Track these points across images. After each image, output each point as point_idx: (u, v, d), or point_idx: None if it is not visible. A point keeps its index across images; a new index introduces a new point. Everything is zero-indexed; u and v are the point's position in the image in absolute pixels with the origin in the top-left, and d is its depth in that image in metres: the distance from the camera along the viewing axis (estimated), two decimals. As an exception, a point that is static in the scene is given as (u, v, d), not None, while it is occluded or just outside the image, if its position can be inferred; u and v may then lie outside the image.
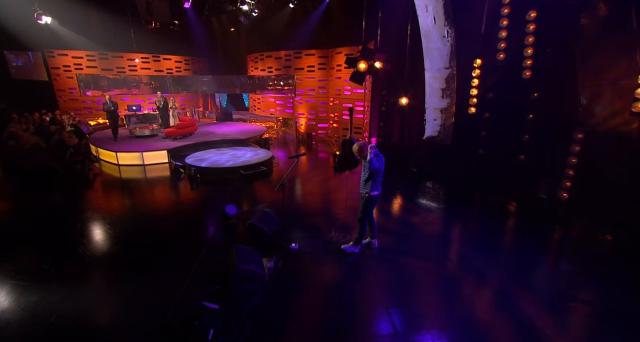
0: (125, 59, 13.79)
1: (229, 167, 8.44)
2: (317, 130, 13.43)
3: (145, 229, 5.41)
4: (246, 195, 7.33)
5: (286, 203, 5.18)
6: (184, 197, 7.31)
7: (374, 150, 4.14)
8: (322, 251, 4.65)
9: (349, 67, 10.42)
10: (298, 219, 5.58)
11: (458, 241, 5.13)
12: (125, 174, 8.89)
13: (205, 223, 5.55)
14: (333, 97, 12.53)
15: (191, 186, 7.88)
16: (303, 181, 8.32)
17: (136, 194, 7.35)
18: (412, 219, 5.87)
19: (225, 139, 11.24)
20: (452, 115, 8.18)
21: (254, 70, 14.52)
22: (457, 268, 4.30)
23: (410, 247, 4.80)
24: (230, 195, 7.17)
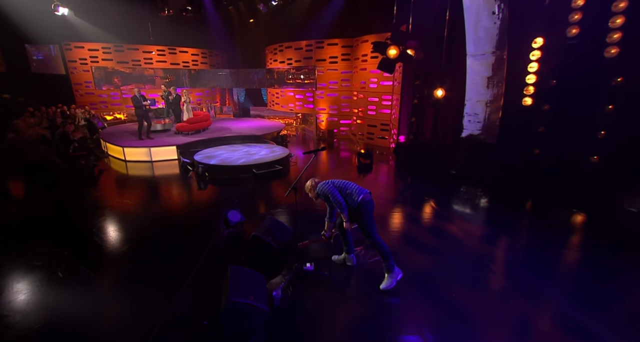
0: (141, 51, 13.41)
1: (240, 165, 7.63)
2: (339, 127, 12.44)
3: (136, 235, 4.65)
4: (258, 197, 6.48)
5: (301, 209, 4.25)
6: (189, 198, 6.56)
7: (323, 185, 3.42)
8: (344, 272, 3.67)
9: (377, 54, 9.34)
10: (314, 230, 4.63)
11: (514, 264, 3.98)
12: (132, 170, 8.30)
13: (207, 230, 4.72)
14: (357, 91, 11.50)
15: (198, 186, 7.14)
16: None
17: (137, 194, 6.68)
18: (452, 233, 4.76)
19: (239, 135, 10.49)
20: (499, 108, 6.95)
21: (273, 62, 13.74)
22: (519, 301, 3.19)
23: (452, 270, 3.73)
24: (240, 197, 6.34)
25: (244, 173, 7.59)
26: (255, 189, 6.99)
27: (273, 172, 7.69)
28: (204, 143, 9.63)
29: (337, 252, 3.96)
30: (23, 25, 11.82)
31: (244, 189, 6.94)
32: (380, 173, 8.14)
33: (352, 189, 3.34)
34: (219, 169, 7.61)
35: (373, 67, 10.57)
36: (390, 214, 5.43)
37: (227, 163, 7.73)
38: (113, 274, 3.75)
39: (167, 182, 7.46)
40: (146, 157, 8.67)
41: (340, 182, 3.42)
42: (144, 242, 4.45)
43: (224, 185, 7.16)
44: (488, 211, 5.66)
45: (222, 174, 7.56)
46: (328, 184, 3.38)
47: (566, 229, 4.94)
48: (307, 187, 3.55)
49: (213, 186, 7.08)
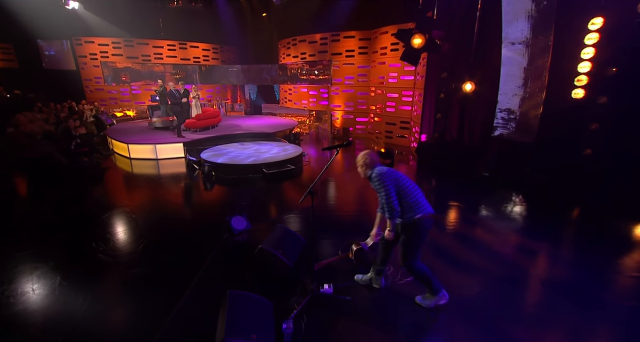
0: (151, 46, 13.04)
1: (249, 164, 7.05)
2: (355, 125, 11.74)
3: (132, 242, 4.11)
4: (267, 200, 5.87)
5: (317, 216, 3.61)
6: (193, 199, 6.01)
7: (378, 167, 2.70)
8: (370, 296, 3.01)
9: (398, 46, 8.60)
10: (333, 241, 3.97)
11: (580, 290, 3.22)
12: (137, 168, 7.84)
13: (211, 237, 4.13)
14: (375, 87, 10.77)
15: (204, 186, 6.59)
16: (338, 185, 6.69)
17: (139, 194, 6.18)
18: (495, 246, 4.01)
19: (249, 133, 9.94)
20: (540, 103, 6.13)
21: (286, 57, 13.14)
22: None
23: (506, 296, 3.00)
24: (248, 199, 5.75)
25: (254, 173, 7.01)
26: (265, 190, 6.39)
27: (285, 172, 7.09)
28: (212, 140, 9.12)
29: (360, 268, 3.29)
30: (34, 21, 11.63)
31: (253, 190, 6.36)
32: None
33: (416, 199, 2.61)
34: (227, 167, 7.05)
35: (393, 61, 9.84)
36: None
37: (236, 162, 7.16)
38: (102, 286, 3.19)
39: (171, 182, 6.94)
40: (152, 154, 8.21)
41: (407, 182, 2.63)
42: (138, 251, 3.89)
43: (232, 185, 6.59)
44: (531, 219, 4.87)
45: (230, 173, 7.00)
46: (388, 174, 2.59)
47: (629, 242, 4.12)
48: (358, 160, 2.77)
49: (220, 187, 6.52)
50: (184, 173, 7.52)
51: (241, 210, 4.10)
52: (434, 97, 7.61)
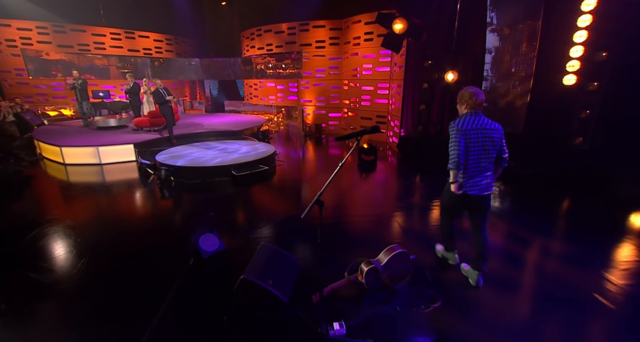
0: (89, 33, 11.24)
1: (215, 166, 6.04)
2: (328, 121, 11.05)
3: (67, 267, 3.01)
4: (241, 208, 4.94)
5: (310, 225, 2.82)
6: (148, 211, 4.90)
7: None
8: (394, 335, 2.28)
9: (372, 35, 8.05)
10: (335, 259, 3.18)
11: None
12: (74, 176, 6.45)
13: (172, 260, 3.16)
14: (348, 80, 10.16)
15: (161, 193, 5.49)
16: (334, 184, 5.91)
17: (75, 207, 4.93)
18: (530, 257, 3.50)
19: (213, 131, 8.83)
20: (527, 91, 5.86)
21: (250, 49, 12.09)
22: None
23: (571, 324, 2.45)
24: (216, 208, 4.78)
25: (221, 176, 6.02)
26: (236, 196, 5.44)
27: (257, 173, 6.18)
28: (169, 140, 7.90)
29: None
30: None
31: (220, 196, 5.38)
32: (385, 172, 6.83)
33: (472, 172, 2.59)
34: (188, 171, 5.98)
35: (367, 51, 9.29)
36: (425, 228, 4.11)
37: (199, 164, 6.11)
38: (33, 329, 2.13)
39: (120, 190, 5.72)
40: (93, 159, 6.83)
41: (476, 150, 2.54)
42: (76, 279, 2.83)
43: (196, 191, 5.55)
44: (521, 214, 4.47)
45: (193, 177, 5.94)
46: (465, 120, 2.56)
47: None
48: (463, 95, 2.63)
49: (181, 193, 5.46)
50: (135, 179, 6.31)
51: (209, 224, 3.18)
52: (416, 88, 7.13)
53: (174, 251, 3.44)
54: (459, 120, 2.56)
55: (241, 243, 3.50)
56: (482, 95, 2.56)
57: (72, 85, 8.72)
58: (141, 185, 6.01)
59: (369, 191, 5.72)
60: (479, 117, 2.55)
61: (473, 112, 2.56)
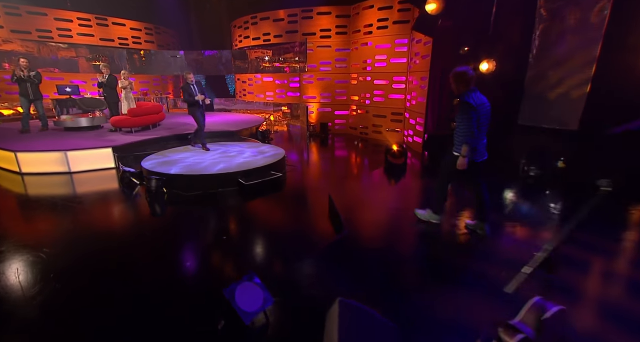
0: (52, 18, 9.88)
1: (218, 173, 5.04)
2: (334, 120, 10.19)
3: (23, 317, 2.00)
4: (259, 229, 3.97)
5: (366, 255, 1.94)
6: (134, 233, 3.84)
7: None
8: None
9: (387, 23, 7.30)
10: (441, 320, 2.29)
11: None
12: (33, 188, 5.28)
13: (178, 315, 2.19)
14: (358, 73, 9.35)
15: (152, 210, 4.46)
16: (348, 195, 5.03)
17: (37, 229, 3.81)
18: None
19: (208, 132, 7.77)
20: (588, 80, 5.20)
21: (244, 40, 11.10)
22: None
23: None
24: (226, 230, 3.81)
25: (225, 185, 5.03)
26: (250, 211, 4.49)
27: (270, 181, 5.23)
28: (156, 143, 6.81)
29: None
30: None
31: (229, 212, 4.41)
32: (415, 177, 6.02)
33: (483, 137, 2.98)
34: (185, 180, 4.96)
35: (381, 41, 8.52)
36: (513, 249, 3.29)
37: (198, 171, 5.09)
38: None
39: (95, 206, 4.63)
40: (61, 166, 5.66)
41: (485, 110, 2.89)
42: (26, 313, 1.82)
43: (196, 206, 4.54)
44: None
45: (191, 188, 4.91)
46: (473, 96, 2.85)
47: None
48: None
49: (176, 208, 4.45)
50: (116, 191, 5.23)
51: (248, 272, 2.20)
52: (448, 79, 6.36)
53: (174, 291, 2.47)
54: (469, 98, 2.81)
55: (276, 286, 2.55)
56: (472, 71, 2.92)
57: (19, 78, 6.87)
58: (124, 198, 4.94)
59: (407, 201, 4.87)
60: (478, 93, 2.88)
61: (474, 88, 2.89)
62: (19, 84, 6.93)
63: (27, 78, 6.90)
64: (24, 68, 6.89)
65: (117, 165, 5.99)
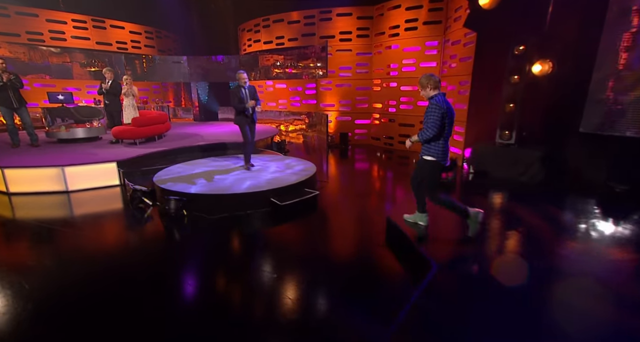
0: (44, 19, 9.30)
1: (246, 192, 4.42)
2: (354, 130, 9.68)
3: None
4: (312, 264, 3.33)
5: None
6: (148, 270, 3.16)
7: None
8: None
9: (415, 23, 6.95)
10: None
11: None
12: (23, 210, 4.59)
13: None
14: (381, 79, 8.90)
15: (170, 237, 3.81)
16: (398, 213, 4.43)
17: (21, 262, 3.11)
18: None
19: (219, 143, 7.18)
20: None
21: (253, 44, 10.65)
22: None
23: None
24: (276, 263, 3.16)
25: (255, 206, 4.41)
26: (293, 238, 3.85)
27: (304, 201, 4.62)
28: (165, 156, 6.17)
29: None
30: None
31: (268, 239, 3.78)
32: (467, 194, 5.45)
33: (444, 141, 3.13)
34: (209, 201, 4.32)
35: (409, 44, 8.11)
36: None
37: (222, 190, 4.46)
38: None
39: (99, 232, 3.95)
40: (56, 184, 4.98)
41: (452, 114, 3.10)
42: None
43: (224, 231, 3.90)
44: None
45: (216, 210, 4.27)
46: (442, 99, 3.04)
47: None
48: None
49: (200, 235, 3.80)
50: (121, 212, 4.58)
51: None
52: (498, 82, 5.91)
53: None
54: (438, 100, 3.00)
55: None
56: (437, 75, 3.11)
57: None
58: (133, 222, 4.28)
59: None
60: (444, 97, 3.05)
61: (441, 92, 3.06)
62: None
63: (7, 83, 5.89)
64: (2, 71, 5.87)
65: (123, 182, 5.33)
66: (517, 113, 5.73)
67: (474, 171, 6.38)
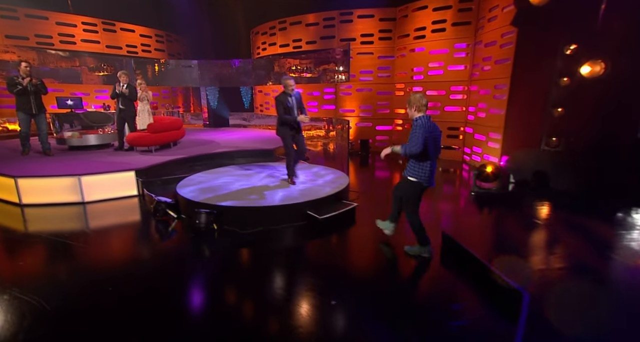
0: (53, 22, 9.16)
1: (281, 205, 4.14)
2: (375, 136, 9.43)
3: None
4: (359, 285, 3.03)
5: None
6: (178, 288, 2.85)
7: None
8: None
9: (443, 25, 6.79)
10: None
11: None
12: (35, 223, 4.32)
13: None
14: (405, 83, 8.68)
15: (200, 251, 3.53)
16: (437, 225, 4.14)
17: (33, 282, 2.82)
18: None
19: (239, 150, 6.93)
20: None
21: (268, 47, 10.49)
22: None
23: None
24: (330, 291, 2.85)
25: (290, 220, 4.12)
26: (340, 257, 3.56)
27: (344, 213, 4.33)
28: (183, 164, 5.92)
29: None
30: None
31: (308, 258, 3.50)
32: (512, 207, 5.15)
33: (431, 162, 3.15)
34: (241, 214, 4.04)
35: (436, 46, 7.90)
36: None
37: (254, 202, 4.18)
38: None
39: (122, 248, 3.67)
40: (72, 194, 4.72)
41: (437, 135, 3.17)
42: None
43: (257, 248, 3.61)
44: None
45: (249, 224, 3.98)
46: (426, 121, 3.05)
47: None
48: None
49: (237, 252, 3.52)
50: (139, 225, 4.31)
51: None
52: (543, 85, 5.64)
53: None
54: (422, 122, 3.03)
55: None
56: (425, 98, 3.13)
57: (23, 88, 5.66)
58: (155, 235, 4.00)
59: (536, 245, 3.96)
60: (429, 119, 3.10)
61: (426, 115, 3.10)
62: (20, 95, 5.72)
63: (28, 87, 5.74)
64: (25, 74, 5.75)
65: (142, 192, 5.06)
66: (566, 118, 5.46)
67: (514, 180, 6.10)
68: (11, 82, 5.66)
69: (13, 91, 5.67)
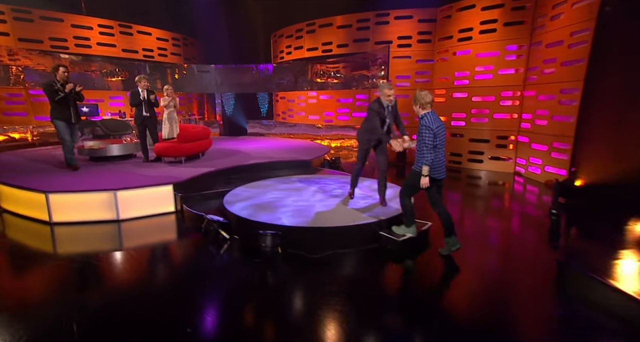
0: (69, 24, 8.96)
1: (349, 226, 3.76)
2: (412, 146, 9.07)
3: None
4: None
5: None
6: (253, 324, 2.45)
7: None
8: None
9: (495, 25, 6.51)
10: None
11: None
12: (66, 245, 3.94)
13: None
14: (447, 88, 8.40)
15: (266, 276, 3.14)
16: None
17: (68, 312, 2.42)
18: None
19: (274, 161, 6.59)
20: None
21: (293, 51, 10.28)
22: None
23: None
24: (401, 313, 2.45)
25: (361, 243, 3.75)
26: (424, 287, 3.16)
27: (419, 235, 3.95)
28: (216, 176, 5.57)
29: None
30: None
31: (392, 287, 3.11)
32: (609, 223, 4.73)
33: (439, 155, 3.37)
34: (306, 235, 3.67)
35: (485, 48, 7.64)
36: None
37: (319, 222, 3.80)
38: None
39: (174, 275, 3.29)
40: (107, 212, 4.35)
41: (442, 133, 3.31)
42: None
43: (332, 274, 3.21)
44: None
45: (316, 248, 3.59)
46: (431, 118, 3.24)
47: None
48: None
49: (306, 278, 3.11)
50: (176, 244, 3.94)
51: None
52: (634, 88, 5.27)
53: None
54: (428, 120, 3.22)
55: None
56: (431, 94, 3.32)
57: (66, 95, 5.36)
58: (205, 258, 3.62)
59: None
60: (435, 115, 3.29)
61: (432, 111, 3.29)
62: (59, 103, 5.38)
63: (71, 94, 5.40)
64: (63, 80, 5.41)
65: (180, 208, 4.70)
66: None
67: (588, 199, 5.70)
68: (50, 88, 5.33)
69: (54, 99, 5.35)
